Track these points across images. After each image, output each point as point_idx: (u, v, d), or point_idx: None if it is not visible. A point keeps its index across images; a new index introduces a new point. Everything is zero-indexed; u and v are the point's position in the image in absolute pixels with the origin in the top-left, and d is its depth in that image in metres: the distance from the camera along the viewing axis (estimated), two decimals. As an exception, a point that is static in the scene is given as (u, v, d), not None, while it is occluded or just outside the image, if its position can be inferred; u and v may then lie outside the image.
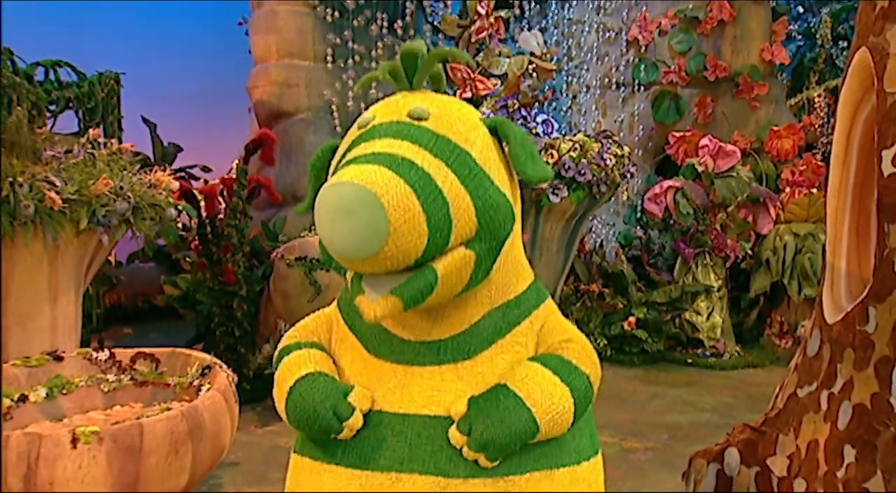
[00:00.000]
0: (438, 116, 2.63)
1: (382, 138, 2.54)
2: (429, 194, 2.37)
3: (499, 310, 2.80)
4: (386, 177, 2.32)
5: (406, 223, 2.30)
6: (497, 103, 9.85)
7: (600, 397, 8.50)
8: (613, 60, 12.88)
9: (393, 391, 2.71)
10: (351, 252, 2.33)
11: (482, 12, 10.29)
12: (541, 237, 9.42)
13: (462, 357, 2.72)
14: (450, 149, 2.54)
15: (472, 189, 2.49)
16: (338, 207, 2.28)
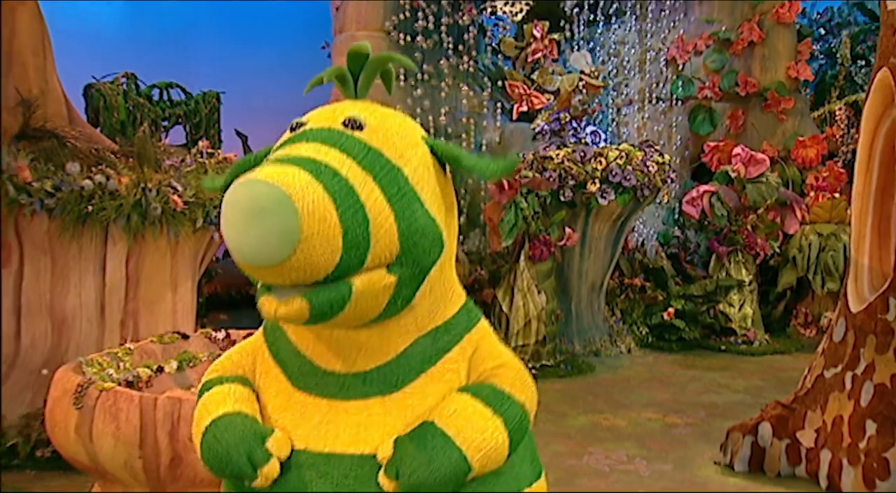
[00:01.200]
0: (375, 127, 2.28)
1: (310, 143, 2.19)
2: (349, 207, 2.03)
3: (427, 337, 2.39)
4: (304, 180, 1.98)
5: (319, 234, 1.96)
6: (550, 116, 10.03)
7: (645, 379, 8.72)
8: (654, 77, 12.96)
9: (318, 428, 2.31)
10: (255, 257, 1.97)
11: (537, 35, 10.43)
12: (590, 236, 9.55)
13: (390, 389, 2.33)
14: (381, 163, 2.19)
15: (398, 209, 2.14)
16: (247, 205, 1.94)
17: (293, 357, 2.41)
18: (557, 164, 9.04)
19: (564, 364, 9.05)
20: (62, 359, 6.22)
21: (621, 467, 6.05)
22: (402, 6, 10.67)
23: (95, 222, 6.25)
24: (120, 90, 9.04)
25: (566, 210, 9.19)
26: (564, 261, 9.50)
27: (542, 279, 9.12)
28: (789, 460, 5.75)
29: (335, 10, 11.16)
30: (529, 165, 9.05)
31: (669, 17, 12.90)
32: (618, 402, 7.86)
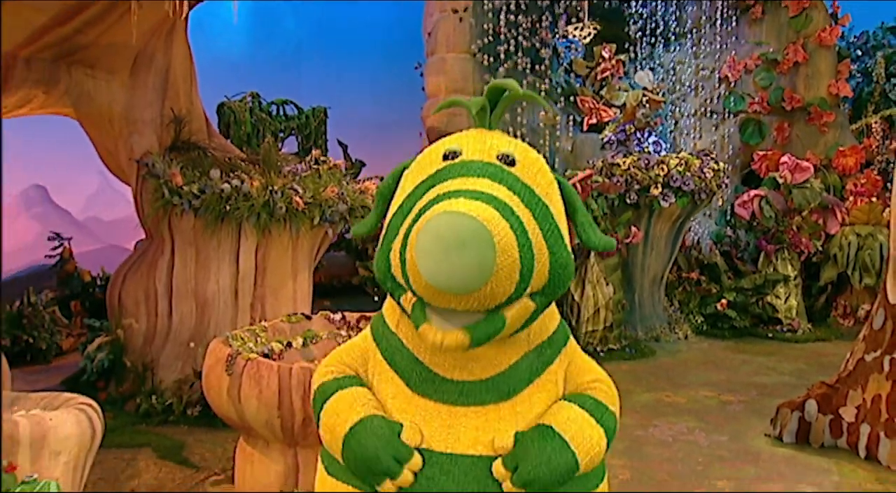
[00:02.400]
0: (524, 163, 2.23)
1: (480, 178, 2.11)
2: (524, 242, 1.99)
3: (534, 351, 2.36)
4: (495, 217, 1.93)
5: (507, 267, 1.93)
6: (617, 128, 10.12)
7: (701, 362, 8.75)
8: (708, 93, 12.93)
9: (440, 431, 2.26)
10: (454, 286, 1.92)
11: (606, 56, 10.52)
12: (652, 235, 9.61)
13: (503, 397, 2.29)
14: (535, 201, 2.14)
15: (551, 245, 2.10)
16: (450, 236, 1.87)
17: (411, 364, 2.34)
18: (624, 170, 9.13)
19: (629, 348, 9.13)
20: (204, 335, 6.54)
21: (682, 437, 6.13)
22: (486, 31, 10.79)
23: (232, 220, 6.54)
24: (246, 107, 9.36)
25: (631, 211, 9.28)
26: (629, 256, 9.57)
27: (610, 272, 9.21)
28: (832, 433, 5.80)
29: (427, 34, 11.30)
30: (599, 171, 9.15)
31: (722, 40, 12.86)
32: (677, 382, 7.91)
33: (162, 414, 6.27)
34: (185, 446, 5.81)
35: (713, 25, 12.89)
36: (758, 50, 12.61)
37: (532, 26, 11.23)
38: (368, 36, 16.16)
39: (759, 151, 11.97)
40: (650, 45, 12.86)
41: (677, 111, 12.93)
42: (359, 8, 17.10)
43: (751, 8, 12.71)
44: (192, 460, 5.59)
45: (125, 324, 6.88)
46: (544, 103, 2.67)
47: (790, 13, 12.40)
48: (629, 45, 12.46)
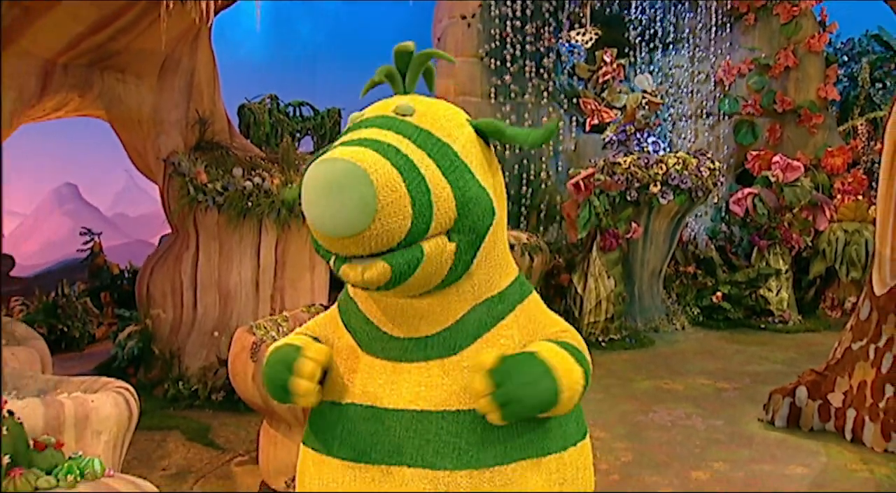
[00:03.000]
0: (423, 112, 2.16)
1: (369, 129, 2.08)
2: (413, 178, 1.93)
3: (483, 305, 2.22)
4: (373, 157, 1.90)
5: (393, 203, 1.87)
6: (618, 128, 10.14)
7: (697, 352, 8.79)
8: (704, 96, 12.93)
9: (383, 387, 2.19)
10: (339, 229, 1.87)
11: (607, 60, 10.54)
12: (651, 230, 9.62)
13: (448, 353, 2.18)
14: (432, 141, 2.07)
15: (453, 180, 2.02)
16: (327, 182, 1.85)
17: (362, 324, 2.29)
18: (625, 169, 9.17)
19: (629, 338, 9.17)
20: (227, 324, 6.62)
21: (681, 422, 6.19)
22: (493, 36, 10.84)
23: (253, 216, 6.62)
24: (265, 108, 9.40)
25: (632, 208, 9.31)
26: (630, 251, 9.59)
27: (611, 266, 9.25)
28: (821, 417, 5.87)
29: (436, 39, 11.35)
30: (601, 169, 9.18)
31: (717, 46, 12.89)
32: (675, 370, 7.95)
33: (188, 399, 6.36)
34: (211, 429, 5.91)
35: (708, 32, 12.91)
36: (751, 55, 12.65)
37: (537, 32, 11.28)
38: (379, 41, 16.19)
39: (752, 151, 11.97)
40: (649, 50, 12.89)
41: (675, 113, 12.96)
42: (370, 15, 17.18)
43: (744, 16, 12.74)
44: (218, 442, 5.69)
45: (153, 314, 6.96)
46: (451, 58, 2.59)
47: (781, 21, 12.44)
48: (629, 49, 12.48)
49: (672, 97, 12.90)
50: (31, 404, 3.55)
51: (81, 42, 6.24)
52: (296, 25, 16.09)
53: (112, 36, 6.35)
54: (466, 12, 10.83)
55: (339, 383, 2.25)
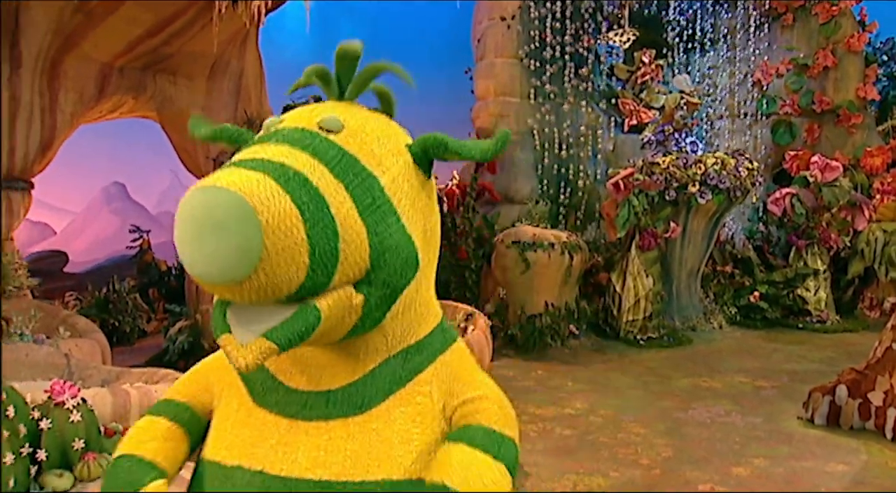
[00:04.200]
0: (354, 130, 1.74)
1: (280, 144, 1.65)
2: (318, 221, 1.53)
3: (398, 357, 1.85)
4: (269, 190, 1.48)
5: (284, 251, 1.47)
6: (656, 129, 10.16)
7: (735, 350, 8.83)
8: (742, 96, 12.92)
9: (275, 449, 1.80)
10: (210, 275, 1.48)
11: (646, 61, 10.53)
12: (689, 230, 9.63)
13: (354, 411, 1.80)
14: (355, 171, 1.66)
15: (371, 223, 1.63)
16: (203, 216, 1.45)
17: (257, 371, 1.88)
18: (663, 169, 9.20)
19: (667, 337, 9.19)
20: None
21: (720, 419, 6.22)
22: (532, 37, 10.90)
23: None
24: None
25: (670, 208, 9.35)
26: (668, 250, 9.62)
27: (650, 265, 9.29)
28: (861, 416, 5.87)
29: (476, 41, 11.42)
30: (640, 169, 9.22)
31: (755, 46, 12.86)
32: (713, 368, 7.96)
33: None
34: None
35: (746, 32, 12.89)
36: (789, 55, 12.62)
37: (576, 33, 11.32)
38: (420, 42, 16.33)
39: (789, 152, 11.93)
40: (687, 51, 12.89)
41: (712, 113, 12.94)
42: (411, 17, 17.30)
43: (782, 15, 12.70)
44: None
45: (202, 309, 7.11)
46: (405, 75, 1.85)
47: (820, 20, 12.39)
48: (667, 50, 12.50)
49: (710, 97, 12.89)
50: (100, 394, 3.69)
51: (138, 46, 6.44)
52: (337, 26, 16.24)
53: (166, 39, 6.53)
54: (506, 14, 10.90)
55: (225, 439, 1.87)
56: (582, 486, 4.78)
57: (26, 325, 5.12)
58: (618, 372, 7.75)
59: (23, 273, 6.11)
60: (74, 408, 3.20)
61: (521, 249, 8.67)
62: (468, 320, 6.10)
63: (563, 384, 7.24)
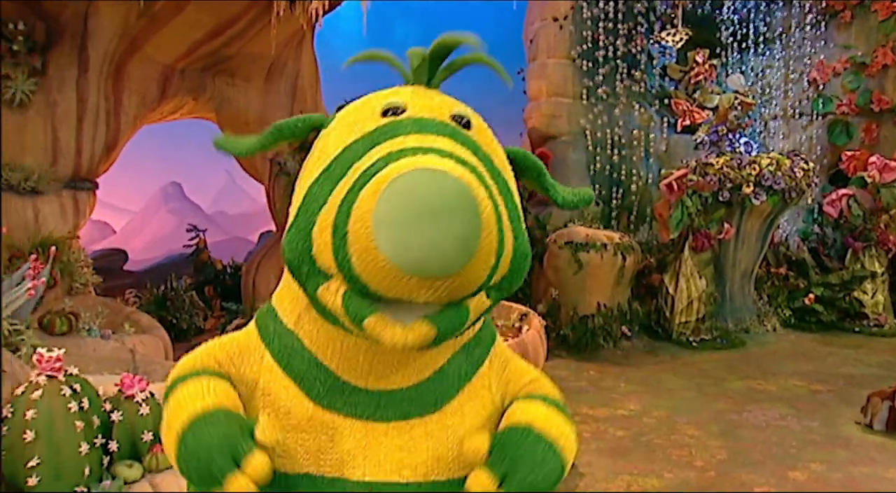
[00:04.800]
0: (478, 129, 1.66)
1: (441, 136, 1.52)
2: (498, 219, 1.42)
3: (462, 352, 1.78)
4: (475, 180, 1.37)
5: (489, 243, 1.37)
6: (710, 129, 10.09)
7: (790, 353, 8.73)
8: (797, 96, 12.74)
9: (353, 454, 1.68)
10: (431, 266, 1.34)
11: (699, 61, 10.48)
12: (743, 231, 9.54)
13: (430, 409, 1.71)
14: (494, 172, 1.57)
15: (515, 228, 1.53)
16: (433, 201, 1.31)
17: (313, 369, 1.72)
18: (717, 169, 9.13)
19: (720, 338, 9.12)
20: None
21: (775, 423, 6.16)
22: (584, 38, 10.88)
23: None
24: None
25: (724, 209, 9.26)
26: (721, 251, 9.53)
27: (703, 267, 9.23)
28: (922, 422, 5.81)
29: (528, 41, 11.43)
30: (693, 170, 9.17)
31: (811, 44, 12.67)
32: (768, 371, 7.88)
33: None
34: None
35: (802, 30, 12.70)
36: (846, 53, 12.37)
37: (628, 33, 11.27)
38: (472, 44, 16.32)
39: (846, 152, 11.72)
40: (741, 50, 12.75)
41: (766, 113, 12.79)
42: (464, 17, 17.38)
43: (840, 13, 12.47)
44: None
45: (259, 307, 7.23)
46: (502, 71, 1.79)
47: (879, 17, 12.12)
48: (721, 50, 12.38)
49: (764, 97, 12.74)
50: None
51: (198, 48, 6.58)
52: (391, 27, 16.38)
53: (226, 42, 6.67)
54: (558, 14, 10.89)
55: (287, 448, 1.70)
56: (636, 487, 4.79)
57: (93, 321, 5.30)
58: (670, 374, 7.72)
59: (88, 271, 6.29)
60: (143, 401, 3.31)
61: (573, 249, 8.67)
62: (522, 320, 6.12)
63: (616, 385, 7.24)
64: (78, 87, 5.99)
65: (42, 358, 3.12)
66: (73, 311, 5.13)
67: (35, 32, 5.67)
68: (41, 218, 5.86)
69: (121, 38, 6.04)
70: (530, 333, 5.70)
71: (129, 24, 5.97)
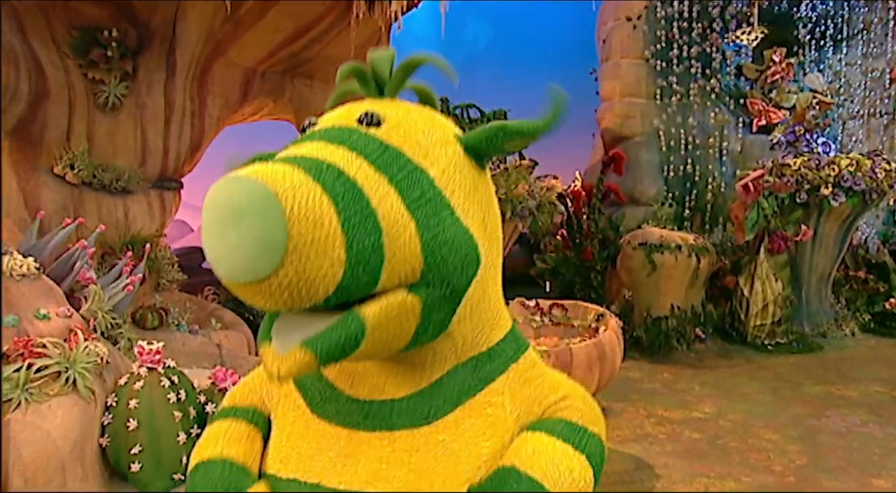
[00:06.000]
0: (396, 123, 1.67)
1: (313, 142, 1.58)
2: (355, 212, 1.41)
3: (467, 365, 1.75)
4: (297, 179, 1.38)
5: (314, 242, 1.35)
6: (787, 129, 9.95)
7: (870, 359, 8.55)
8: (877, 94, 12.44)
9: (334, 461, 1.70)
10: (233, 270, 1.36)
11: (776, 59, 10.36)
12: (821, 233, 9.37)
13: (420, 422, 1.70)
14: (399, 163, 1.58)
15: (421, 217, 1.52)
16: (223, 206, 1.34)
17: (313, 380, 1.83)
18: (795, 170, 9.00)
19: (796, 342, 8.97)
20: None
21: (856, 429, 6.03)
22: (658, 37, 10.81)
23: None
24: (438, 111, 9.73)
25: (801, 210, 9.11)
26: (798, 254, 9.39)
27: (779, 269, 9.11)
28: None
29: (601, 41, 11.41)
30: (770, 171, 9.05)
31: (892, 41, 12.37)
32: (847, 376, 7.72)
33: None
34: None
35: (884, 27, 12.39)
36: (931, 50, 12.09)
37: (703, 32, 11.16)
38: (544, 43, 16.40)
39: (930, 152, 11.48)
40: (819, 48, 12.50)
41: (846, 113, 12.53)
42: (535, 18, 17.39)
43: (923, 9, 12.18)
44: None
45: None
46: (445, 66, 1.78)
47: (965, 13, 11.82)
48: (798, 48, 12.17)
49: (843, 97, 12.48)
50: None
51: (279, 51, 6.75)
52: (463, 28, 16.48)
53: (305, 45, 6.83)
54: (632, 14, 10.84)
55: (281, 451, 1.80)
56: (714, 489, 4.78)
57: (181, 316, 5.50)
58: (745, 377, 7.64)
59: (174, 268, 6.51)
60: (236, 394, 3.44)
61: (647, 250, 8.63)
62: (599, 321, 6.15)
63: (690, 388, 7.20)
64: (166, 90, 6.22)
65: (143, 350, 3.28)
66: (164, 306, 5.33)
67: (127, 38, 5.91)
68: (131, 216, 6.10)
69: (206, 42, 6.24)
70: (607, 333, 5.72)
71: (214, 29, 6.16)
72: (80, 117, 5.92)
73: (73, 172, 5.78)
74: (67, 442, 2.89)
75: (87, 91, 5.95)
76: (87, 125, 5.96)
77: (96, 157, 5.97)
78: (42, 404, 2.87)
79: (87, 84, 5.96)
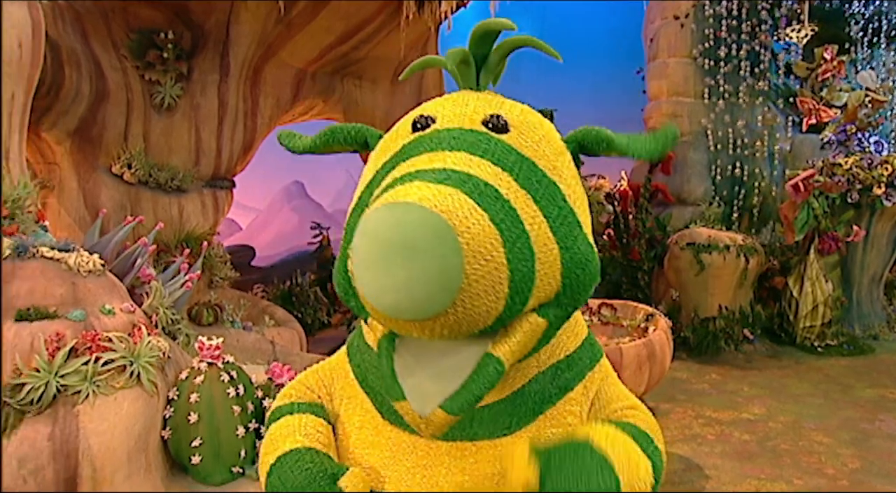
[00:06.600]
0: (520, 129, 1.53)
1: (455, 151, 1.42)
2: (515, 240, 1.32)
3: (547, 373, 1.67)
4: (466, 208, 1.26)
5: (485, 278, 1.26)
6: (838, 128, 9.81)
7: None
8: (932, 93, 12.27)
9: (412, 472, 1.62)
10: (401, 307, 1.25)
11: (827, 57, 10.20)
12: (873, 234, 9.23)
13: (501, 432, 1.61)
14: (537, 178, 1.45)
15: (561, 238, 1.43)
16: (395, 237, 1.22)
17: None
18: (846, 170, 8.88)
19: (846, 344, 8.85)
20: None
21: (911, 432, 5.99)
22: (706, 36, 10.71)
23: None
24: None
25: (853, 210, 8.99)
26: (849, 254, 9.26)
27: (829, 270, 9.00)
28: None
29: (648, 40, 11.33)
30: (820, 170, 8.95)
31: (948, 38, 12.16)
32: (900, 379, 7.64)
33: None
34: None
35: (938, 23, 12.19)
36: None
37: (752, 30, 11.04)
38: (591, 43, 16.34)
39: None
40: (871, 46, 12.30)
41: (898, 111, 12.33)
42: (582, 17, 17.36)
43: (980, 4, 11.94)
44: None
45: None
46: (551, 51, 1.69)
47: None
48: (850, 45, 11.99)
49: (893, 94, 12.27)
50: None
51: (329, 52, 6.85)
52: (509, 29, 16.55)
53: (355, 45, 6.91)
54: (680, 13, 10.76)
55: (350, 460, 1.73)
56: (765, 491, 4.75)
57: (236, 313, 5.61)
58: (795, 379, 7.56)
59: (227, 266, 6.63)
60: (292, 390, 3.51)
61: (695, 250, 8.59)
62: (649, 321, 6.14)
63: (739, 389, 7.15)
64: (219, 91, 6.34)
65: (203, 346, 3.36)
66: (218, 303, 5.44)
67: (182, 40, 6.05)
68: (185, 215, 6.23)
69: (258, 44, 6.35)
70: (657, 333, 5.71)
71: (266, 30, 6.27)
72: (136, 118, 6.07)
73: (131, 172, 5.93)
74: (132, 434, 2.98)
75: (143, 92, 6.10)
76: (143, 125, 6.12)
77: (152, 156, 6.11)
78: (109, 396, 2.96)
79: (144, 85, 6.12)
